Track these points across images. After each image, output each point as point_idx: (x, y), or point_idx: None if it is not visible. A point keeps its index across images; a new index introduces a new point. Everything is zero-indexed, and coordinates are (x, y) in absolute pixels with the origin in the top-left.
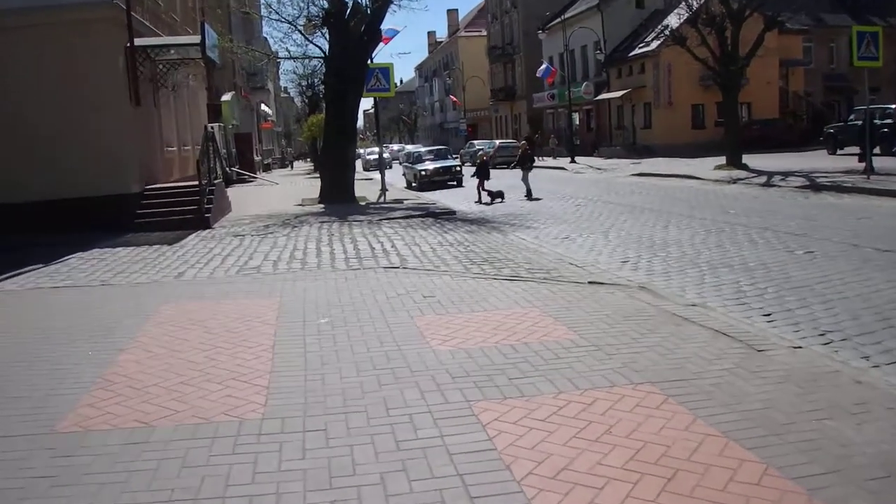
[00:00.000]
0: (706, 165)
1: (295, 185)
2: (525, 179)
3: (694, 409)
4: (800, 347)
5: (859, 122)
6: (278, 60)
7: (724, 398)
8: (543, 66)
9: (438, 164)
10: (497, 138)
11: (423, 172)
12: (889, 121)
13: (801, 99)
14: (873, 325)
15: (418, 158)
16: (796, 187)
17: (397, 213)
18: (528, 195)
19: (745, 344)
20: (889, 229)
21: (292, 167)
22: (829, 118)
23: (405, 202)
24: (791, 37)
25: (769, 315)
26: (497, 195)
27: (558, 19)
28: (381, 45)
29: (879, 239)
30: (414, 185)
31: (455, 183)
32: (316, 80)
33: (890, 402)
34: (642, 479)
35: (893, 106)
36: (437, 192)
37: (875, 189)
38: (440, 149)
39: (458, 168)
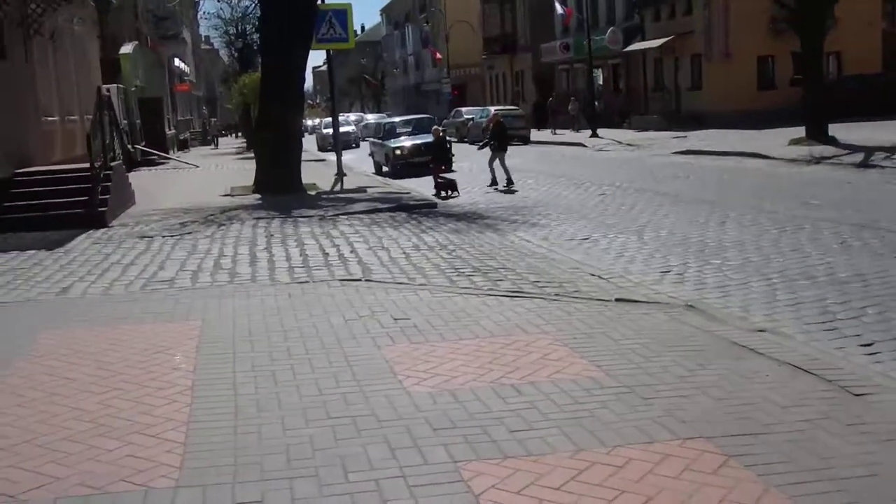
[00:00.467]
0: (777, 139)
1: (221, 168)
2: (498, 163)
3: (765, 476)
4: None
5: None
6: (197, 0)
7: (808, 460)
8: (559, 10)
9: (420, 141)
10: (492, 104)
11: (399, 152)
12: None
13: None
14: None
15: (391, 132)
16: None
17: (359, 207)
18: (508, 183)
19: (836, 385)
20: None
21: (217, 144)
22: None
23: (369, 191)
24: None
25: (870, 345)
26: (448, 186)
27: None
28: None
29: None
30: (386, 168)
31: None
32: (248, 27)
33: None
34: None
35: None
36: (417, 179)
37: None
38: (421, 119)
39: (448, 145)
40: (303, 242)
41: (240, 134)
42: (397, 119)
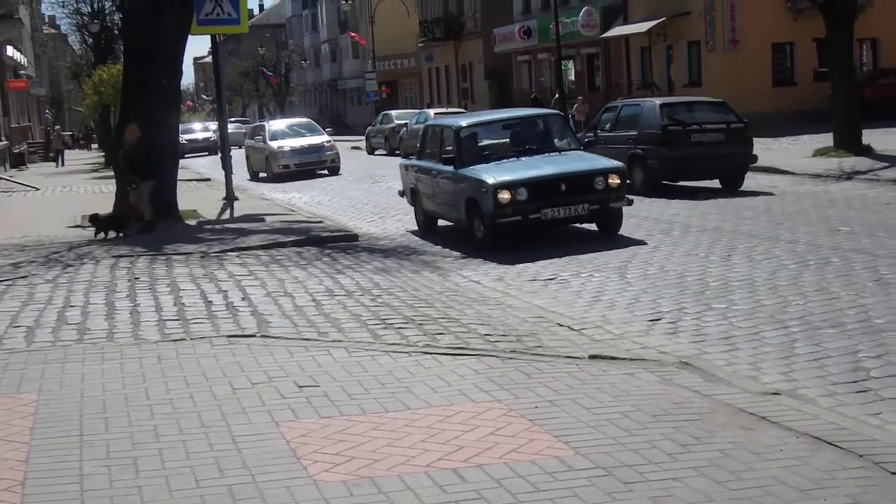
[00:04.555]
0: (798, 149)
1: (70, 191)
2: (139, 197)
3: None
4: None
5: None
6: None
7: None
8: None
9: (554, 171)
10: (433, 106)
11: (508, 197)
12: None
13: None
14: None
15: (469, 149)
16: None
17: (254, 240)
18: (146, 227)
19: (869, 461)
20: None
21: (61, 162)
22: None
23: (269, 220)
24: None
25: None
26: (111, 223)
27: None
28: None
29: None
30: (479, 232)
31: (598, 220)
32: (106, 4)
33: None
34: None
35: None
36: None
37: None
38: (531, 119)
39: (620, 175)
40: (178, 288)
41: (94, 145)
42: (480, 119)
